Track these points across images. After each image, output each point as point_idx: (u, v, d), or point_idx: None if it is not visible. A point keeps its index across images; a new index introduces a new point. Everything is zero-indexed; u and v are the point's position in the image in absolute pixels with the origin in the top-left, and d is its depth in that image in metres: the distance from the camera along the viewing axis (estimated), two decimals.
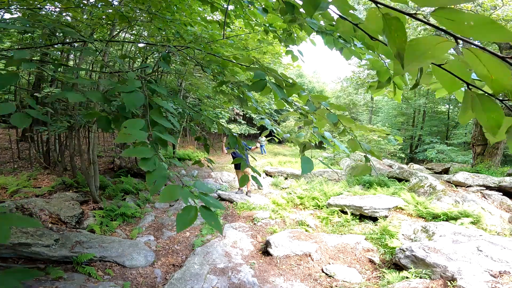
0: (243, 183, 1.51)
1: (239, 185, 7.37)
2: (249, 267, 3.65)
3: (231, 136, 1.59)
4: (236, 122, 15.77)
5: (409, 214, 5.16)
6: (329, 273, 3.52)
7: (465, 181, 6.19)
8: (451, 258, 3.03)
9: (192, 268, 3.44)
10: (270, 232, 4.77)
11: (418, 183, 6.59)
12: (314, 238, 4.36)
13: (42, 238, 3.49)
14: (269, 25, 2.20)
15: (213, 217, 0.78)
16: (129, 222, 5.23)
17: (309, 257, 3.89)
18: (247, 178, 1.52)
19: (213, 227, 0.78)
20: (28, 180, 6.32)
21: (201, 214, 0.77)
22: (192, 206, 0.76)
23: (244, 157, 1.70)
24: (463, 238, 3.51)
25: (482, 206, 4.92)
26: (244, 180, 1.47)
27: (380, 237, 4.37)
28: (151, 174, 0.81)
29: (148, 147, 0.88)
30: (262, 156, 15.41)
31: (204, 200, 0.80)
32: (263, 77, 1.14)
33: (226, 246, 4.13)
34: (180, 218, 0.73)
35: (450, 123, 21.66)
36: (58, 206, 4.76)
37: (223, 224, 5.17)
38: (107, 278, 3.45)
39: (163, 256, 4.09)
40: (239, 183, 7.35)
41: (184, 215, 0.73)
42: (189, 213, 0.74)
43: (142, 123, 0.91)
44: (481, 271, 2.82)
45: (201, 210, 0.78)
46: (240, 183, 1.61)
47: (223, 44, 2.65)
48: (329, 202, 6.06)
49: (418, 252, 3.24)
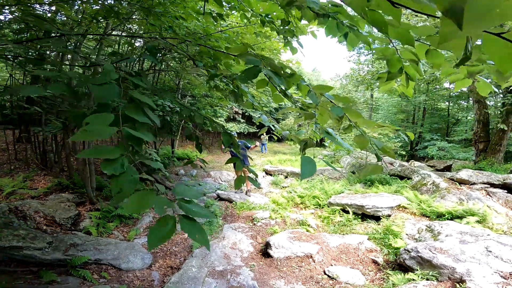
0: (238, 185, 1.40)
1: (237, 185, 7.25)
2: (249, 269, 3.53)
3: (225, 134, 1.47)
4: (235, 121, 15.64)
5: (412, 213, 5.04)
6: (331, 275, 3.40)
7: (469, 178, 6.07)
8: (459, 259, 2.92)
9: (189, 271, 3.33)
10: (270, 232, 4.66)
11: (421, 181, 6.47)
12: (315, 238, 4.25)
13: (35, 241, 3.38)
14: (265, 15, 2.08)
15: (197, 229, 0.65)
16: (127, 224, 5.11)
17: (310, 258, 3.77)
18: (243, 179, 1.41)
19: (197, 241, 0.65)
20: (24, 181, 6.21)
21: (182, 227, 0.64)
22: (170, 217, 0.63)
23: (240, 157, 1.58)
24: (470, 238, 3.39)
25: (487, 204, 4.80)
26: (239, 181, 1.36)
27: (384, 237, 4.25)
28: (117, 179, 0.68)
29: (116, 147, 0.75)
30: (262, 155, 15.29)
31: (185, 208, 0.67)
32: (257, 63, 1.01)
33: (225, 247, 4.01)
34: (153, 232, 0.60)
35: (450, 120, 21.55)
36: (54, 208, 4.65)
37: (222, 224, 5.05)
38: (103, 281, 3.34)
39: (161, 258, 3.98)
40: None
41: (158, 229, 0.60)
42: (165, 225, 0.61)
43: (111, 118, 0.78)
44: (490, 272, 2.71)
45: (182, 221, 0.65)
46: (235, 185, 1.52)
47: (218, 39, 2.52)
48: (330, 201, 5.95)
49: (424, 253, 3.12)
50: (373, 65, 13.33)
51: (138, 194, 0.70)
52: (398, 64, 1.21)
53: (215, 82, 2.00)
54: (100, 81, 0.87)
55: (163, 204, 0.64)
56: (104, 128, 0.74)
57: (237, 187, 1.48)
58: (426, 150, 17.57)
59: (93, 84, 0.85)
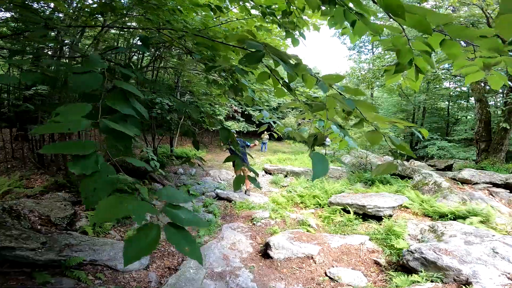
0: (237, 186, 1.32)
1: (236, 186, 7.17)
2: (248, 271, 3.45)
3: (222, 129, 1.38)
4: (235, 120, 15.52)
5: (414, 213, 4.97)
6: (333, 277, 3.32)
7: (471, 178, 5.99)
8: (464, 261, 2.84)
9: (187, 272, 3.24)
10: (270, 233, 4.57)
11: (422, 180, 6.40)
12: (316, 239, 4.16)
13: (28, 241, 3.28)
14: (266, 6, 1.99)
15: (186, 239, 0.54)
16: (124, 223, 5.02)
17: (311, 259, 3.69)
18: (242, 180, 1.32)
19: (187, 254, 0.55)
20: (21, 180, 6.13)
21: (168, 237, 0.54)
22: (152, 225, 0.53)
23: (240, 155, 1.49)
24: (475, 238, 3.31)
25: (490, 204, 4.73)
26: (238, 181, 1.28)
27: (385, 238, 4.17)
28: (88, 179, 0.59)
29: (89, 141, 0.65)
30: (261, 154, 15.20)
31: (172, 215, 0.56)
32: (259, 48, 0.92)
33: (224, 248, 3.92)
34: (130, 244, 0.50)
35: (450, 120, 21.52)
36: (49, 207, 4.56)
37: (221, 224, 4.96)
38: (98, 282, 3.26)
39: (158, 258, 3.90)
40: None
41: (137, 240, 0.50)
42: (147, 235, 0.51)
43: (87, 108, 0.68)
44: (497, 274, 2.63)
45: (168, 230, 0.54)
46: (234, 186, 1.44)
47: (217, 32, 2.43)
48: (331, 200, 5.87)
49: (429, 254, 3.04)
50: (373, 63, 13.24)
51: (111, 198, 0.58)
52: (409, 55, 1.12)
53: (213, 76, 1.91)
54: (82, 70, 0.77)
55: (144, 211, 0.53)
56: (77, 119, 0.64)
57: (236, 188, 1.40)
58: (426, 149, 17.52)
59: (74, 72, 0.76)
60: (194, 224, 0.61)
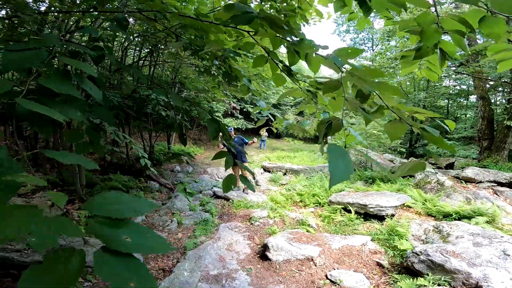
0: (227, 188, 1.17)
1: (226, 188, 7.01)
2: (246, 273, 3.29)
3: (211, 121, 1.21)
4: (233, 117, 15.30)
5: (417, 213, 4.81)
6: (334, 280, 3.17)
7: (475, 176, 5.84)
8: (474, 264, 2.69)
9: (181, 275, 3.08)
10: (269, 233, 4.41)
11: (424, 178, 6.25)
12: (316, 239, 4.01)
13: (13, 242, 3.12)
14: None
15: (133, 271, 0.37)
16: None
17: (311, 261, 3.53)
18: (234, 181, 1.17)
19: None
20: None
21: (95, 268, 0.35)
22: (71, 252, 0.35)
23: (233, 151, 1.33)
24: (484, 240, 3.16)
25: (496, 203, 4.58)
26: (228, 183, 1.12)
27: (388, 238, 4.02)
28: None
29: None
30: (260, 151, 15.02)
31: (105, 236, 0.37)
32: (250, 9, 0.75)
33: (220, 249, 3.76)
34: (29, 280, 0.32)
35: (449, 118, 21.39)
36: (39, 207, 4.38)
37: (217, 224, 4.80)
38: (88, 285, 3.12)
39: (152, 260, 3.73)
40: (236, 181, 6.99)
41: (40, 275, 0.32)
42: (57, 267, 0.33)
43: (6, 87, 0.52)
44: (509, 277, 2.48)
45: (100, 258, 0.36)
46: (223, 188, 1.30)
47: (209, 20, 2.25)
48: (331, 199, 5.72)
49: (436, 256, 2.89)
50: (374, 60, 13.06)
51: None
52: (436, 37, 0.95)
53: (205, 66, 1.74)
54: (23, 47, 0.61)
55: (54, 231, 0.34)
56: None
57: (225, 190, 1.24)
58: (425, 147, 17.38)
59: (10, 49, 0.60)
60: (148, 250, 0.43)
